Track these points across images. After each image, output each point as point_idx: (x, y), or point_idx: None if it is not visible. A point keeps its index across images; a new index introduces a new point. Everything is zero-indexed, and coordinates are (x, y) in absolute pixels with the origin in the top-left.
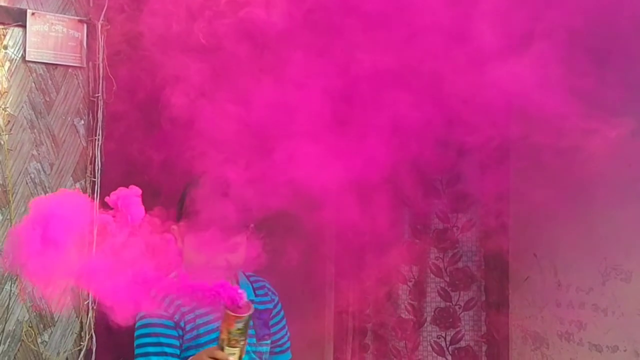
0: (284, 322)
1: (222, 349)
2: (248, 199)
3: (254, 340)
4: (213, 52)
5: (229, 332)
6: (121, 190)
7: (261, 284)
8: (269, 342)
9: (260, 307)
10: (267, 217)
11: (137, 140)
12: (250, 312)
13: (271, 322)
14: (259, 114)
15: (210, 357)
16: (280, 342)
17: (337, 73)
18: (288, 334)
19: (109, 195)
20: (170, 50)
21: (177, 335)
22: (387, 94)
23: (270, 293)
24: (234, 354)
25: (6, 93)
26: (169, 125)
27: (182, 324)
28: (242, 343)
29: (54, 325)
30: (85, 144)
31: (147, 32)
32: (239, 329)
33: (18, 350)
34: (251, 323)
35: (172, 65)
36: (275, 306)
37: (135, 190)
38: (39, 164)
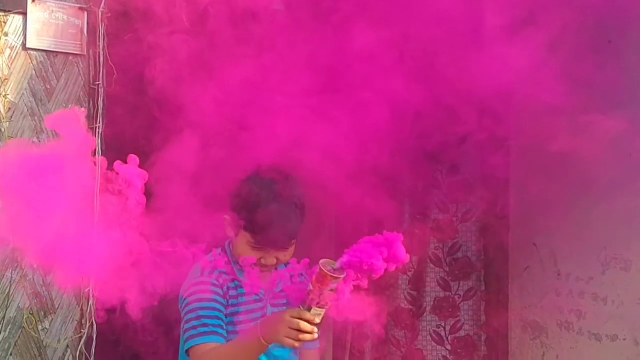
0: None
1: (309, 310)
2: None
3: None
4: (215, 37)
5: (322, 292)
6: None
7: (299, 272)
8: None
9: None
10: None
11: (138, 128)
12: (345, 275)
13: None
14: (260, 100)
15: (295, 317)
16: None
17: (336, 58)
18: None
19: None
20: (172, 37)
21: (225, 304)
22: (387, 82)
23: (307, 281)
24: (320, 314)
25: (7, 80)
26: (170, 113)
27: (227, 297)
28: (328, 305)
29: (55, 313)
30: (85, 133)
31: (147, 20)
32: (332, 290)
33: (19, 337)
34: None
35: (174, 53)
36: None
37: (136, 171)
38: None
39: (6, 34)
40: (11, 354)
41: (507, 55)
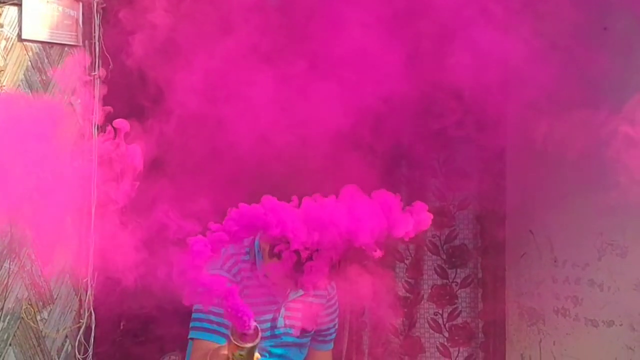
0: (333, 316)
1: None
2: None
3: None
4: (212, 28)
5: (233, 355)
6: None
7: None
8: (311, 333)
9: (314, 301)
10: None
11: (134, 118)
12: (255, 343)
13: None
14: (252, 85)
15: None
16: (324, 333)
17: (330, 42)
18: (336, 327)
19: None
20: (168, 26)
21: None
22: (384, 69)
23: (327, 289)
24: None
25: (2, 72)
26: (166, 102)
27: (241, 290)
28: None
29: (53, 303)
30: (81, 123)
31: (143, 10)
32: (241, 355)
33: (17, 327)
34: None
35: (170, 44)
36: (327, 301)
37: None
38: None
39: (1, 25)
40: (10, 345)
41: (502, 43)
